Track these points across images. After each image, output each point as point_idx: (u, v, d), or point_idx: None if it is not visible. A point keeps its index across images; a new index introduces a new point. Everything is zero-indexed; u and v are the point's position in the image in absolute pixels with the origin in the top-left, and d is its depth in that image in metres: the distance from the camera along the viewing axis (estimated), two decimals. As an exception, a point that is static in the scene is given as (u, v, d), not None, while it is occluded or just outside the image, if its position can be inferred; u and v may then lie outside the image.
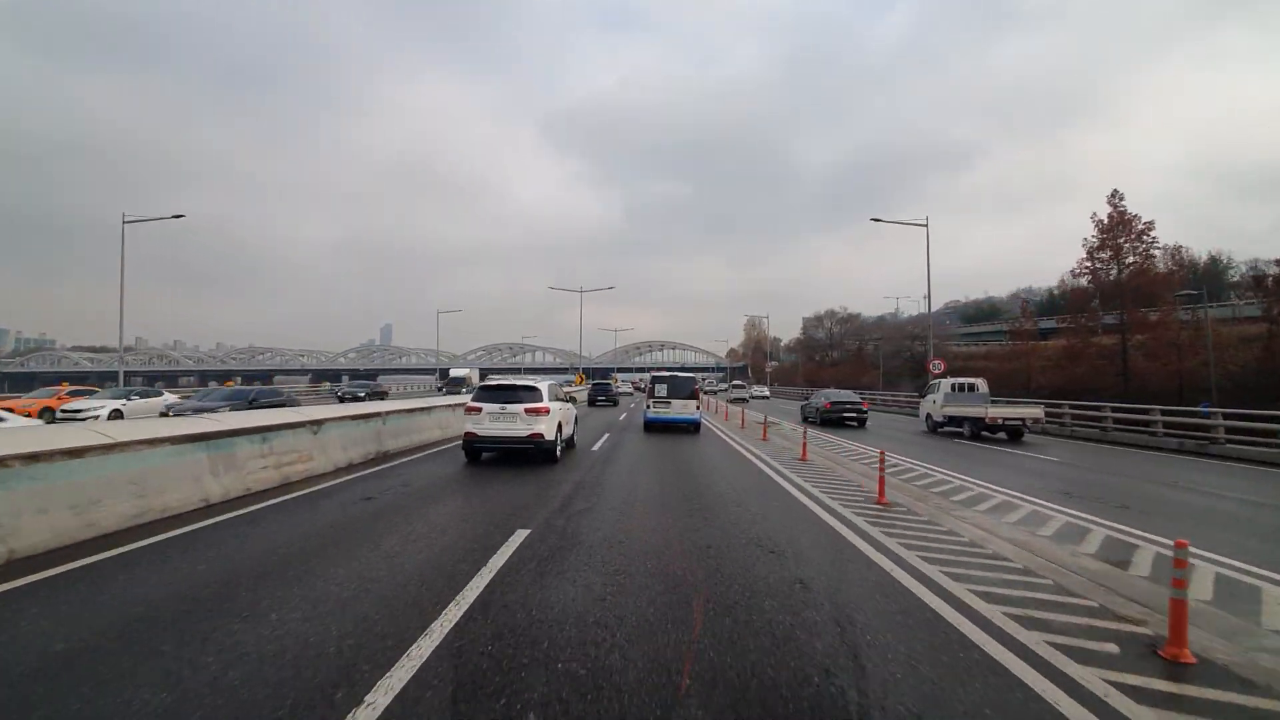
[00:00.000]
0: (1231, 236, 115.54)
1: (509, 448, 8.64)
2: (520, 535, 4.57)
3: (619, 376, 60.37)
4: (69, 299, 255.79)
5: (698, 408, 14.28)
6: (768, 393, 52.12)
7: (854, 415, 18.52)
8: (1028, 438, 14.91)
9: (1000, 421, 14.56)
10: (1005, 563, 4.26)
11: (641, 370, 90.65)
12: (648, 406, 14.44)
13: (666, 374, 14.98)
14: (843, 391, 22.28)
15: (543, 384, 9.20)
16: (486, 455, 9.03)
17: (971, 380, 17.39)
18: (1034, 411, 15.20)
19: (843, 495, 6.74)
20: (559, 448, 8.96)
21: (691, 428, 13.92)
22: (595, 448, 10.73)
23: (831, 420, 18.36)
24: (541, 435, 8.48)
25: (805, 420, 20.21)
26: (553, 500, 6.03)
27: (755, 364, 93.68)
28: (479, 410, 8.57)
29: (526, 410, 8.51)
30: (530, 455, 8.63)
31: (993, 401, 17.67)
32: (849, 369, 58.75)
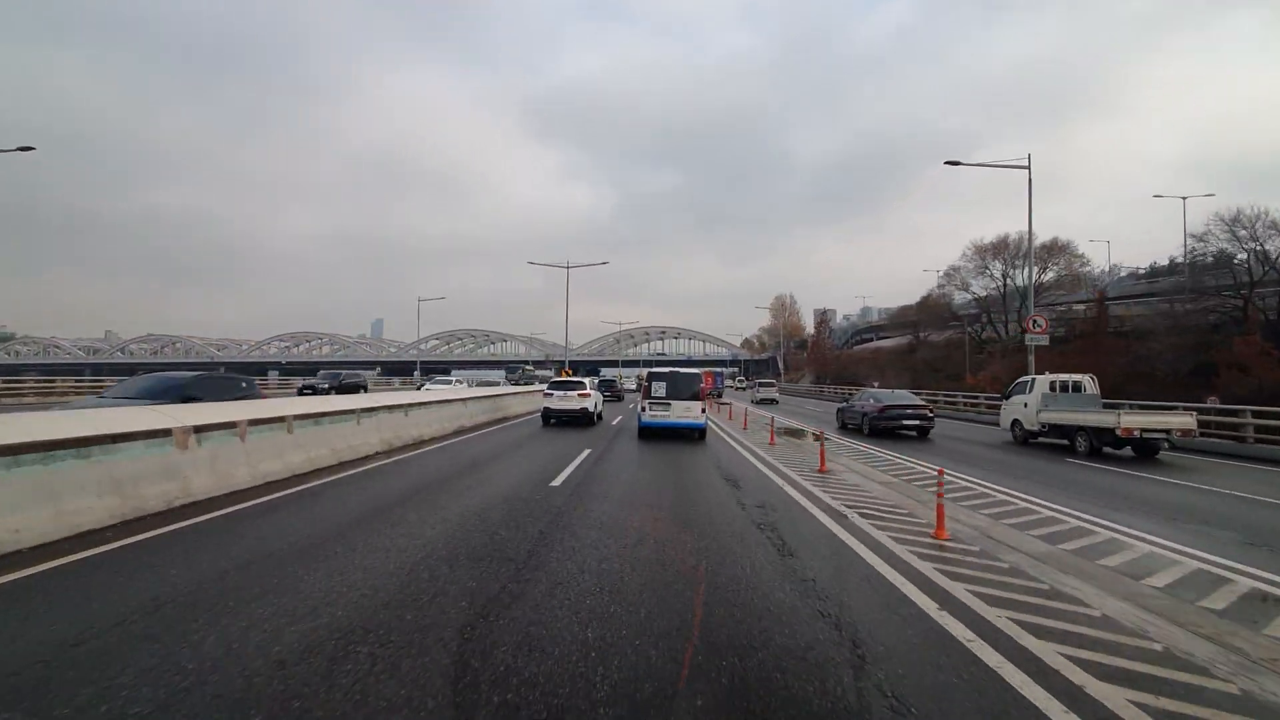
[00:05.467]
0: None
1: (568, 417, 17.18)
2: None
3: (567, 371, 50.99)
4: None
5: (703, 410, 14.30)
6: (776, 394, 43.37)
7: (916, 423, 16.52)
8: (1163, 455, 12.91)
9: (1137, 434, 12.03)
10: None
11: (634, 365, 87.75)
12: (642, 409, 14.41)
13: (665, 370, 14.88)
14: (897, 392, 19.95)
15: (586, 380, 20.13)
16: (552, 421, 17.22)
17: (1077, 377, 15.28)
18: (1183, 420, 12.58)
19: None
20: (596, 417, 17.97)
21: (695, 434, 14.18)
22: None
23: (883, 430, 16.46)
24: (586, 409, 17.14)
25: (844, 427, 18.85)
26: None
27: (818, 354, 73.95)
28: (551, 395, 17.51)
29: (578, 395, 17.34)
30: (579, 421, 17.13)
31: (1109, 404, 15.16)
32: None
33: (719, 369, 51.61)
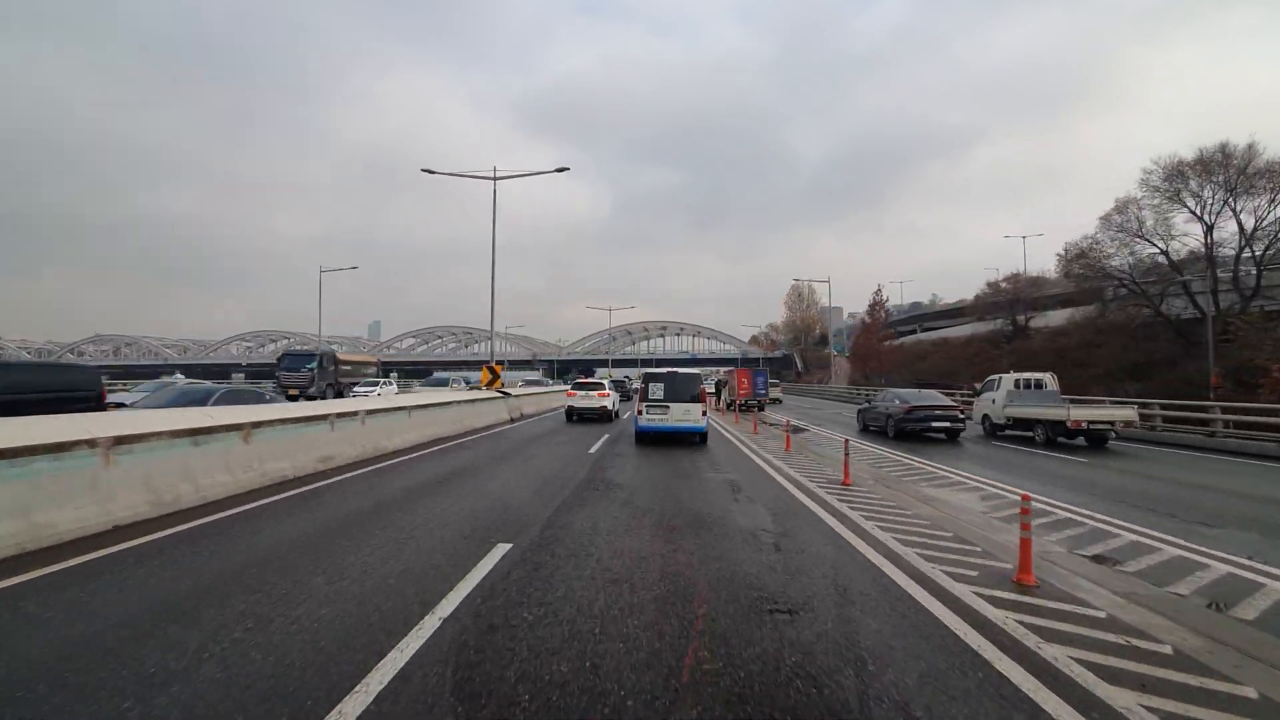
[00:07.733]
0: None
1: (589, 414, 21.29)
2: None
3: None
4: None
5: (703, 413, 14.72)
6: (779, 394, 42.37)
7: (945, 425, 16.76)
8: (1112, 444, 15.75)
9: (1085, 426, 15.23)
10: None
11: (630, 364, 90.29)
12: (639, 413, 14.71)
13: (663, 371, 15.18)
14: (924, 392, 19.78)
15: (606, 383, 23.53)
16: (575, 419, 21.26)
17: (1039, 375, 18.24)
18: (1126, 413, 15.87)
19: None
20: (613, 414, 21.93)
21: (696, 438, 14.68)
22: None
23: (909, 432, 16.90)
24: (605, 407, 21.27)
25: (865, 430, 19.41)
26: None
27: (865, 347, 60.28)
28: (574, 394, 21.75)
29: (598, 394, 21.51)
30: (599, 417, 21.21)
31: (1071, 400, 18.30)
32: None
33: (758, 369, 40.54)
